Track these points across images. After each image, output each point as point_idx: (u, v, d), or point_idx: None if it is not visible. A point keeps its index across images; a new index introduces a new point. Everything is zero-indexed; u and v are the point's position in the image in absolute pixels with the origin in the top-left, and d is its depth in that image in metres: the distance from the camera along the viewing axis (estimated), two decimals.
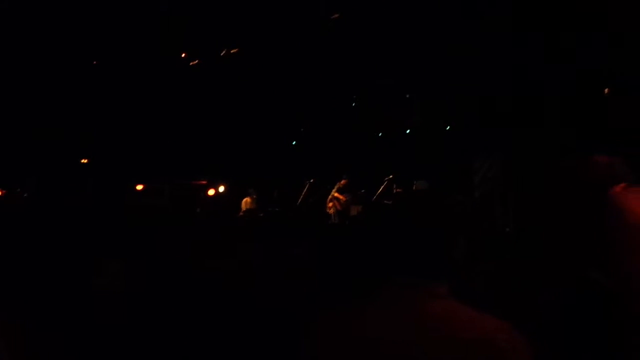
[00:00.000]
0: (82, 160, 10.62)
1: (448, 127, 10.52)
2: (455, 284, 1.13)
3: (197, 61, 9.03)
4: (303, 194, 9.21)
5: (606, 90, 6.23)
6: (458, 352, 0.98)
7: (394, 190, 9.02)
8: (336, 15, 7.35)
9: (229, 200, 10.27)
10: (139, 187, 10.12)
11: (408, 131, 11.16)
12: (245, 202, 9.90)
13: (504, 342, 0.99)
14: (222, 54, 8.68)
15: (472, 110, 9.19)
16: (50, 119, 9.33)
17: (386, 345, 1.02)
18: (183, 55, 8.97)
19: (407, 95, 10.48)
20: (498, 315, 1.06)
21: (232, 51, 8.61)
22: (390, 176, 8.99)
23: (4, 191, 9.85)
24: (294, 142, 12.44)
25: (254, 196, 9.96)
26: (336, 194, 9.43)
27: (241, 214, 8.99)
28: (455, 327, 1.02)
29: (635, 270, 0.99)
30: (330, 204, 9.58)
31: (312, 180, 9.35)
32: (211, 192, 10.45)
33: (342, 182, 9.48)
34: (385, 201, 8.48)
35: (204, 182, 10.57)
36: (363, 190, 9.40)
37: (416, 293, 1.09)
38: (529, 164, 7.36)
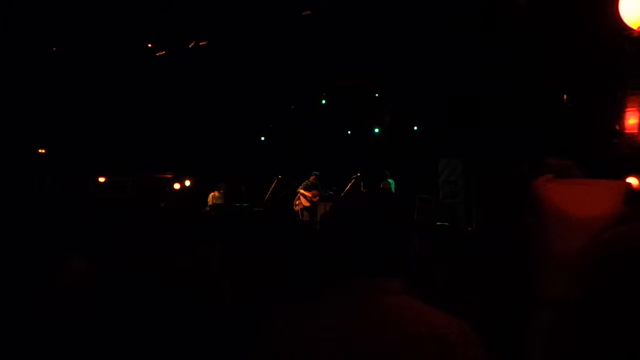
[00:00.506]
0: (40, 150, 10.22)
1: (416, 128, 10.60)
2: (409, 280, 1.16)
3: (164, 52, 8.88)
4: (271, 189, 9.18)
5: (564, 96, 6.39)
6: (409, 347, 0.99)
7: (362, 188, 9.09)
8: (308, 12, 7.32)
9: (196, 194, 10.14)
10: (101, 179, 9.88)
11: (377, 130, 11.23)
12: (213, 196, 9.78)
13: (454, 336, 1.00)
14: (190, 46, 8.57)
15: (439, 111, 9.37)
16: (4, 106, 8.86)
17: (338, 342, 1.03)
18: (150, 45, 8.80)
19: (377, 95, 10.47)
20: (450, 311, 1.08)
21: (200, 43, 8.49)
22: (358, 174, 9.05)
23: None
24: (262, 138, 12.36)
25: (222, 190, 9.86)
26: (302, 191, 9.47)
27: (207, 208, 9.19)
28: (407, 322, 1.03)
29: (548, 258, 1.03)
30: (297, 202, 9.57)
31: (280, 176, 9.34)
32: (177, 186, 10.28)
33: (311, 178, 9.56)
34: (350, 199, 9.17)
35: (169, 175, 10.37)
36: (334, 188, 9.47)
37: (371, 289, 1.10)
38: (487, 166, 7.60)
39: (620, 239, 0.79)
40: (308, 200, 9.58)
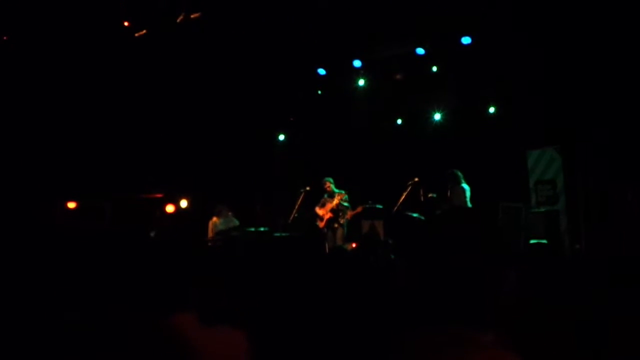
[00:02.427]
0: None
1: (493, 109, 10.63)
2: (502, 330, 1.15)
3: (144, 31, 9.07)
4: (297, 206, 9.33)
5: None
6: None
7: (422, 197, 9.31)
8: None
9: (194, 219, 10.40)
10: (71, 205, 10.06)
11: (438, 116, 11.25)
12: (213, 223, 10.08)
13: None
14: (179, 20, 8.68)
15: (529, 83, 9.41)
16: None
17: None
18: (126, 24, 8.97)
19: (435, 68, 10.55)
20: None
21: (192, 16, 8.59)
22: (416, 179, 9.20)
23: None
24: (280, 137, 12.45)
25: (228, 213, 10.15)
26: (317, 209, 9.85)
27: (209, 239, 9.57)
28: None
29: None
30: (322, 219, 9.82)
31: (308, 188, 9.55)
32: (170, 208, 10.47)
33: (326, 186, 9.87)
34: (410, 213, 9.24)
35: (159, 194, 10.61)
36: (370, 202, 9.72)
37: (455, 342, 1.11)
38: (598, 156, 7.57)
39: None
40: (324, 221, 9.83)
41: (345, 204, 9.84)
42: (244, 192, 11.15)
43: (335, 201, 9.72)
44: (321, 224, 9.76)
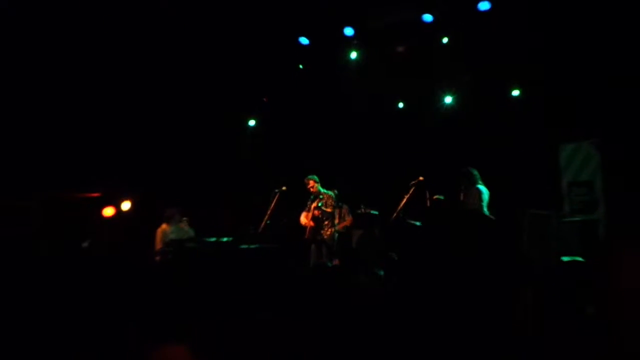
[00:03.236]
0: None
1: (517, 92, 10.70)
2: None
3: None
4: (269, 210, 9.32)
5: None
6: None
7: (428, 201, 9.32)
8: None
9: (139, 225, 10.30)
10: None
11: (448, 100, 11.31)
12: (163, 231, 10.01)
13: None
14: None
15: (564, 62, 9.42)
16: None
17: None
18: None
19: (445, 39, 10.61)
20: None
21: None
22: (420, 178, 9.25)
23: None
24: (251, 123, 12.46)
25: (182, 219, 10.16)
26: (303, 216, 10.04)
27: (157, 251, 9.54)
28: None
29: None
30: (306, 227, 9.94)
31: (284, 188, 9.50)
32: (109, 211, 10.16)
33: (310, 185, 10.01)
34: (412, 221, 9.18)
35: (96, 194, 10.40)
36: (363, 207, 9.80)
37: None
38: None
39: None
40: (308, 231, 9.96)
41: (327, 208, 9.95)
42: (203, 192, 11.12)
43: (313, 205, 9.85)
44: (306, 235, 9.90)
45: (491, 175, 9.62)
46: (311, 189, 10.05)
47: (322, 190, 10.04)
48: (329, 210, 9.91)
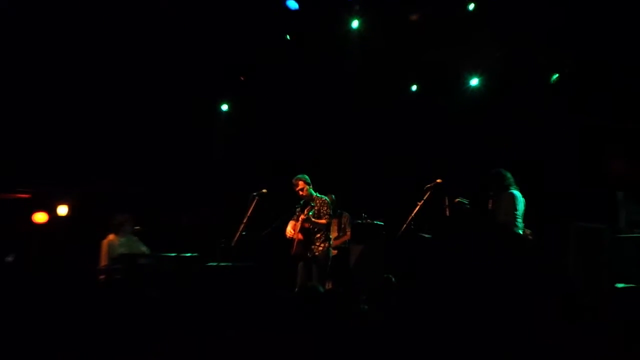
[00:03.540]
0: None
1: (556, 76, 10.61)
2: None
3: None
4: (245, 219, 9.15)
5: None
6: None
7: (447, 209, 9.32)
8: None
9: (79, 235, 10.17)
10: None
11: (474, 81, 11.17)
12: (110, 243, 9.79)
13: None
14: None
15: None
16: None
17: None
18: None
19: (472, 5, 10.51)
20: None
21: None
22: (438, 180, 9.24)
23: None
24: (223, 107, 12.32)
25: (134, 228, 9.95)
26: (291, 226, 9.92)
27: (102, 268, 9.36)
28: None
29: None
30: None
31: (264, 191, 9.34)
32: (41, 217, 10.13)
33: (299, 186, 9.89)
34: (426, 235, 9.12)
35: (25, 195, 10.36)
36: (365, 215, 9.78)
37: None
38: None
39: None
40: (294, 245, 9.82)
41: (320, 219, 9.72)
42: (162, 195, 10.93)
43: (302, 215, 9.64)
44: (293, 250, 9.79)
45: (528, 179, 9.48)
46: (300, 192, 9.78)
47: (315, 194, 9.81)
48: (322, 222, 9.67)
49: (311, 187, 9.79)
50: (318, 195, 9.80)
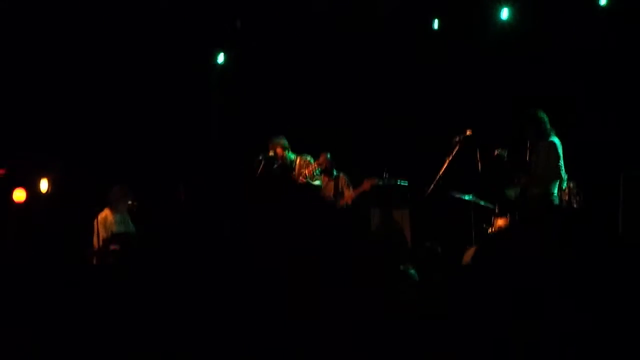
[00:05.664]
0: None
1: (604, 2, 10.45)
2: None
3: None
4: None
5: None
6: None
7: (480, 163, 9.22)
8: None
9: (64, 212, 9.91)
10: None
11: (506, 15, 10.65)
12: (104, 220, 9.66)
13: None
14: None
15: None
16: None
17: None
18: None
19: None
20: None
21: None
22: (468, 132, 9.12)
23: None
24: (220, 58, 11.88)
25: (134, 203, 9.64)
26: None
27: (96, 248, 9.35)
28: None
29: None
30: None
31: (271, 154, 9.57)
32: (19, 195, 9.81)
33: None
34: (459, 194, 9.07)
35: (1, 170, 10.00)
36: (386, 175, 9.69)
37: None
38: None
39: None
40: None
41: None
42: (155, 164, 10.60)
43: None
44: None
45: (569, 122, 9.41)
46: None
47: (292, 156, 9.81)
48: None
49: (288, 150, 9.77)
50: (294, 156, 9.80)
